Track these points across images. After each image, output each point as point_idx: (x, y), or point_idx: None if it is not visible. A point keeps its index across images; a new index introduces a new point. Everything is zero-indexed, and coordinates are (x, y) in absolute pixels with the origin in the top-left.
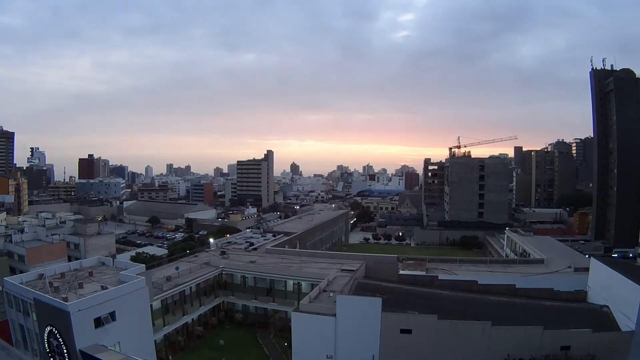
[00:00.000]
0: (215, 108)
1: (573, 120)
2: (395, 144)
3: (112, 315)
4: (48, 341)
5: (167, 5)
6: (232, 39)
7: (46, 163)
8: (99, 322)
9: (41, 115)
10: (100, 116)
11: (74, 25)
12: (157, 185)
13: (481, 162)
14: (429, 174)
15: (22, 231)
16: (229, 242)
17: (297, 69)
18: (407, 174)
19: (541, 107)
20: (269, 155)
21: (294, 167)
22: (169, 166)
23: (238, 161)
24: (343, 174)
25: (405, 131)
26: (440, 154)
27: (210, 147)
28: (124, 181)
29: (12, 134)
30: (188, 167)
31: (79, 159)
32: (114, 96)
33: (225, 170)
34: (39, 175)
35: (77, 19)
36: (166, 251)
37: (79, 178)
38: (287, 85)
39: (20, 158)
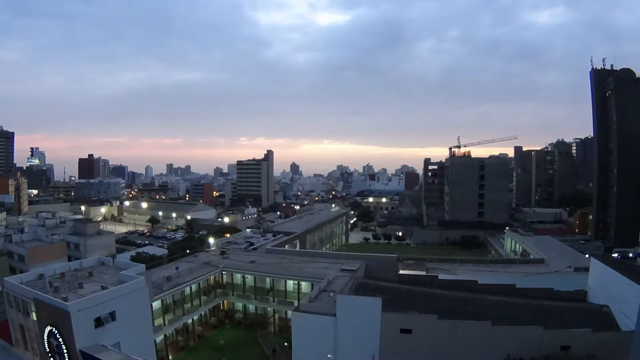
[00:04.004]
0: (180, 114)
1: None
2: (385, 146)
3: (112, 315)
4: (48, 341)
5: (117, 41)
6: (176, 64)
7: (46, 163)
8: (99, 322)
9: (28, 119)
10: (78, 121)
11: (48, 54)
12: (157, 185)
13: (481, 162)
14: (429, 173)
15: (22, 231)
16: (229, 242)
17: (239, 84)
18: (407, 173)
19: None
20: (269, 155)
21: (294, 167)
22: (169, 166)
23: (238, 161)
24: (343, 173)
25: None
26: (439, 154)
27: (184, 147)
28: (124, 181)
29: (12, 134)
30: (188, 167)
31: (79, 159)
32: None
33: (225, 170)
34: (39, 175)
35: (51, 51)
36: (166, 251)
37: (79, 178)
38: (234, 97)
39: (20, 158)
